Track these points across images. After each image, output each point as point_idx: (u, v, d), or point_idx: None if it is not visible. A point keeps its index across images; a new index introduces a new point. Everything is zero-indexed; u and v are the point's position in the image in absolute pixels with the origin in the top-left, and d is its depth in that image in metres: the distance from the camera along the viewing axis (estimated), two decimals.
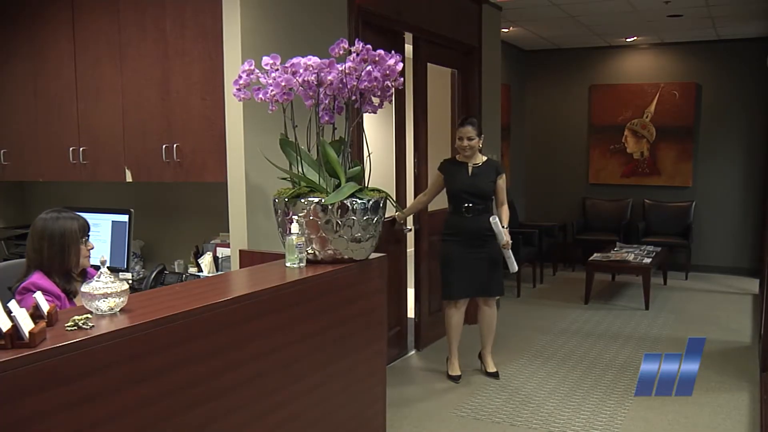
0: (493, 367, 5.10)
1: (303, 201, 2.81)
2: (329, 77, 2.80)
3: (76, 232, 2.85)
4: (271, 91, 2.84)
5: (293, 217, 2.82)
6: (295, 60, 2.83)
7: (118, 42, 3.96)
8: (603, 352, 5.66)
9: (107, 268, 2.07)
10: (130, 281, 3.88)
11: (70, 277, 2.87)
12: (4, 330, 1.72)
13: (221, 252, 3.94)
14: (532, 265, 8.31)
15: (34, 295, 2.01)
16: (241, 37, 3.52)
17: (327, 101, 2.90)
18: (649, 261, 7.41)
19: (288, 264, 2.83)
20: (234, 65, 3.45)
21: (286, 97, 2.85)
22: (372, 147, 3.16)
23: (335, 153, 2.90)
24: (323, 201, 2.78)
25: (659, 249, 8.08)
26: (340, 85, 2.81)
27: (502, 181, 4.90)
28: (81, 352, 1.81)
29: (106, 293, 2.00)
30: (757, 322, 6.50)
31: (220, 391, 2.28)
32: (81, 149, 4.19)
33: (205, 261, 3.95)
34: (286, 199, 2.85)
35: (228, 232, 3.72)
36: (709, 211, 9.17)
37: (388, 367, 5.21)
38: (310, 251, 2.87)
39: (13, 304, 1.81)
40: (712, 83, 9.08)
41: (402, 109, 5.49)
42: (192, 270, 4.05)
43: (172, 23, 3.75)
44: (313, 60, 2.81)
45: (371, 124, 5.60)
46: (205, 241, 4.15)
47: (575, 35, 8.72)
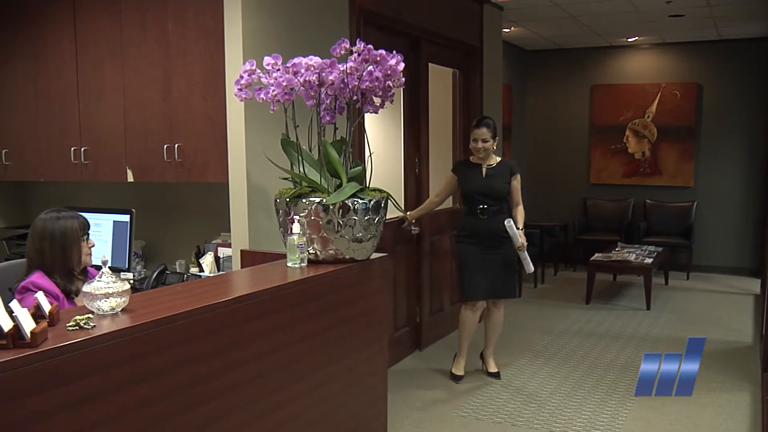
0: (495, 367, 5.09)
1: (304, 201, 2.81)
2: (330, 77, 2.80)
3: (77, 230, 2.86)
4: (273, 91, 2.84)
5: (294, 217, 2.83)
6: (296, 60, 2.83)
7: (119, 42, 3.97)
8: (604, 352, 5.66)
9: (109, 268, 2.07)
10: (132, 281, 3.89)
11: (72, 275, 2.87)
12: (6, 330, 1.73)
13: (222, 252, 3.94)
14: (533, 265, 8.28)
15: (35, 295, 2.01)
16: (243, 37, 3.52)
17: (328, 101, 2.90)
18: (650, 261, 7.41)
19: (289, 264, 2.83)
20: (235, 65, 3.45)
21: (287, 97, 2.85)
22: (379, 147, 3.16)
23: (337, 153, 2.91)
24: (325, 201, 2.78)
25: (660, 249, 8.07)
26: (342, 85, 2.81)
27: (516, 181, 4.82)
28: (82, 352, 1.81)
29: (107, 293, 2.01)
30: (758, 322, 6.49)
31: (221, 391, 2.28)
32: (82, 149, 4.20)
33: (207, 261, 3.95)
34: (288, 199, 2.86)
35: (229, 232, 3.73)
36: (711, 211, 9.16)
37: (394, 367, 5.24)
38: (311, 251, 2.87)
39: (14, 304, 1.81)
40: (714, 83, 9.07)
41: (414, 109, 5.50)
42: (193, 270, 4.06)
43: (174, 23, 3.75)
44: (314, 60, 2.82)
45: (378, 124, 5.58)
46: (206, 241, 4.16)
47: (576, 35, 8.71)
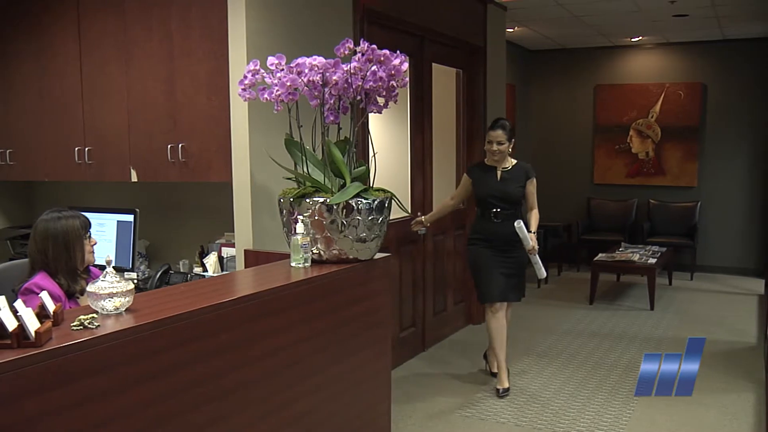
0: (495, 366, 5.02)
1: (308, 201, 2.82)
2: (334, 77, 2.81)
3: (78, 229, 2.87)
4: (277, 91, 2.85)
5: (298, 216, 2.83)
6: (300, 60, 2.84)
7: (123, 42, 3.97)
8: (608, 353, 5.65)
9: (112, 267, 2.07)
10: (136, 281, 3.89)
11: (76, 275, 2.88)
12: (11, 329, 1.73)
13: (226, 252, 3.94)
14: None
15: (40, 295, 2.01)
16: (247, 38, 3.52)
17: (332, 101, 2.90)
18: (654, 261, 7.39)
19: (293, 264, 2.83)
20: (239, 65, 3.45)
21: (291, 97, 2.86)
22: (385, 147, 3.15)
23: (340, 153, 2.91)
24: (328, 201, 2.78)
25: (664, 249, 8.06)
26: (345, 85, 2.81)
27: (532, 185, 4.71)
28: (86, 352, 1.82)
29: (111, 293, 2.01)
30: (762, 323, 6.47)
31: (225, 390, 2.28)
32: (86, 149, 4.20)
33: (210, 261, 3.95)
34: (291, 199, 2.86)
35: (233, 231, 3.73)
36: (715, 212, 9.14)
37: (400, 366, 5.24)
38: (315, 251, 2.88)
39: (19, 304, 1.82)
40: (718, 83, 9.05)
41: (419, 109, 5.50)
42: (197, 270, 4.06)
43: (178, 23, 3.75)
44: (318, 60, 2.82)
45: (384, 125, 5.56)
46: (210, 240, 4.16)
47: (580, 35, 8.70)
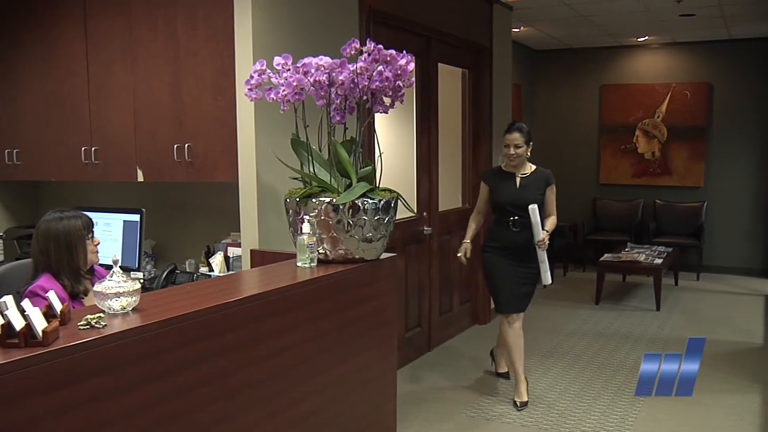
0: (505, 367, 4.99)
1: (314, 201, 2.82)
2: (341, 77, 2.81)
3: (80, 229, 2.86)
4: (283, 91, 2.85)
5: (304, 216, 2.83)
6: (306, 60, 2.84)
7: (129, 42, 3.98)
8: (614, 353, 5.64)
9: (119, 267, 2.08)
10: (142, 281, 3.90)
11: (79, 275, 2.87)
12: (18, 329, 1.74)
13: (232, 251, 3.94)
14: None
15: (47, 294, 2.02)
16: (253, 38, 3.52)
17: (338, 101, 2.91)
18: (660, 261, 7.38)
19: (299, 264, 2.84)
20: (245, 65, 3.45)
21: (297, 97, 2.86)
22: (392, 147, 3.15)
23: (346, 153, 2.91)
24: (334, 201, 2.78)
25: (670, 249, 8.04)
26: (352, 85, 2.82)
27: (552, 192, 4.54)
28: (94, 351, 1.82)
29: (118, 292, 2.02)
30: None
31: (231, 390, 2.29)
32: (93, 149, 4.21)
33: (216, 260, 3.96)
34: (298, 199, 2.86)
35: (239, 231, 3.73)
36: (721, 212, 9.11)
37: (406, 366, 5.24)
38: (321, 251, 2.88)
39: (26, 303, 1.82)
40: (724, 83, 9.02)
41: (425, 109, 5.50)
42: (203, 269, 4.06)
43: (184, 24, 3.76)
44: (324, 60, 2.82)
45: (390, 125, 5.56)
46: (216, 240, 4.17)
47: (586, 35, 8.69)
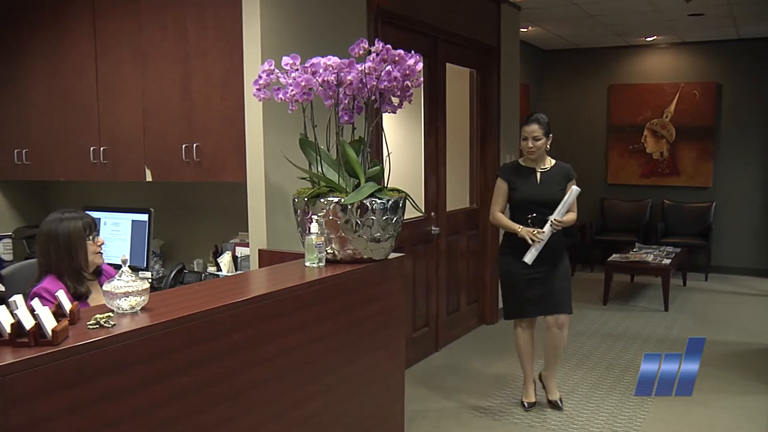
0: (556, 393, 4.48)
1: (323, 201, 2.82)
2: (349, 77, 2.80)
3: (80, 230, 2.85)
4: (291, 90, 2.85)
5: (313, 216, 2.83)
6: (315, 60, 2.84)
7: (138, 42, 3.99)
8: (622, 354, 5.62)
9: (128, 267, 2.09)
10: (150, 280, 3.90)
11: (81, 276, 2.87)
12: (28, 328, 1.74)
13: (240, 251, 3.95)
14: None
15: (56, 293, 2.02)
16: (261, 37, 3.53)
17: (347, 101, 2.90)
18: (668, 262, 7.35)
19: (307, 263, 2.84)
20: (254, 65, 3.46)
21: (305, 97, 2.86)
22: (399, 147, 3.14)
23: (355, 153, 2.91)
24: (343, 201, 2.78)
25: (679, 250, 8.01)
26: (360, 85, 2.82)
27: (573, 188, 4.24)
28: (103, 351, 1.83)
29: (127, 292, 2.03)
30: None
31: (239, 390, 2.29)
32: (102, 149, 4.22)
33: (225, 260, 3.96)
34: (306, 199, 2.86)
35: (247, 231, 3.73)
36: (730, 212, 9.07)
37: (413, 366, 5.23)
38: (329, 251, 2.88)
39: (36, 303, 1.83)
40: (733, 83, 8.98)
41: (433, 109, 5.50)
42: (211, 269, 4.07)
43: (193, 24, 3.76)
44: (333, 60, 2.82)
45: (398, 124, 5.54)
46: (224, 240, 4.17)
47: (594, 35, 8.66)
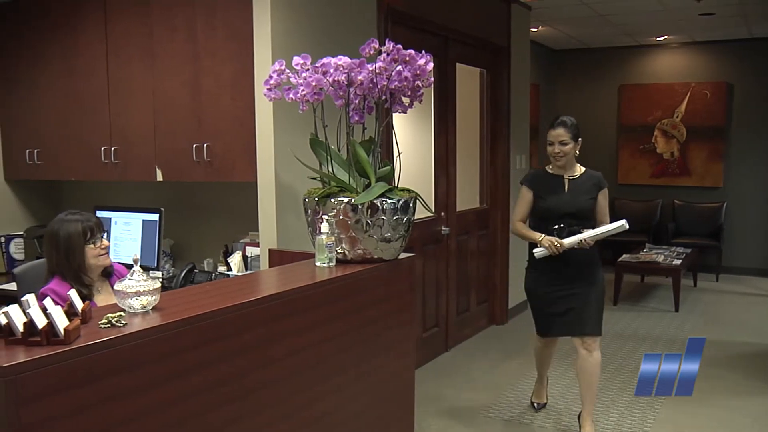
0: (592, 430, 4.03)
1: (333, 201, 2.82)
2: (359, 77, 2.80)
3: (78, 234, 2.86)
4: (302, 91, 2.85)
5: (323, 216, 2.83)
6: (325, 60, 2.84)
7: (149, 43, 4.00)
8: (632, 354, 5.60)
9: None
10: (161, 280, 3.92)
11: (81, 278, 2.87)
12: (40, 327, 1.75)
13: (251, 251, 3.96)
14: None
15: (68, 293, 2.03)
16: (272, 38, 3.53)
17: (357, 101, 2.90)
18: (679, 262, 7.32)
19: (318, 263, 2.84)
20: (264, 65, 3.46)
21: (316, 97, 2.86)
22: (410, 147, 3.13)
23: (365, 153, 2.91)
24: (353, 201, 2.78)
25: (689, 250, 7.98)
26: (371, 85, 2.81)
27: (604, 197, 4.07)
28: (114, 350, 1.83)
29: (138, 291, 2.03)
30: None
31: (249, 389, 2.29)
32: (112, 149, 4.24)
33: (235, 260, 3.97)
34: (316, 199, 2.86)
35: (257, 231, 3.74)
36: (741, 212, 9.03)
37: (424, 366, 5.23)
38: (339, 251, 2.88)
39: (48, 302, 1.84)
40: (745, 83, 8.93)
41: (443, 109, 5.49)
42: (221, 269, 4.08)
43: (203, 24, 3.78)
44: (343, 60, 2.82)
45: (409, 124, 5.53)
46: (234, 240, 4.18)
47: (605, 34, 8.64)
